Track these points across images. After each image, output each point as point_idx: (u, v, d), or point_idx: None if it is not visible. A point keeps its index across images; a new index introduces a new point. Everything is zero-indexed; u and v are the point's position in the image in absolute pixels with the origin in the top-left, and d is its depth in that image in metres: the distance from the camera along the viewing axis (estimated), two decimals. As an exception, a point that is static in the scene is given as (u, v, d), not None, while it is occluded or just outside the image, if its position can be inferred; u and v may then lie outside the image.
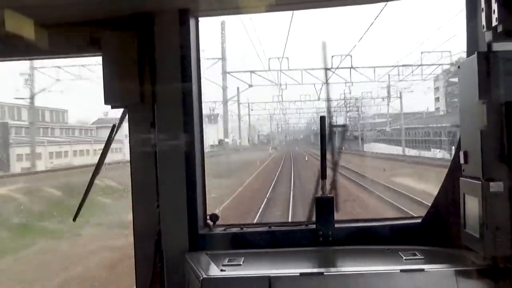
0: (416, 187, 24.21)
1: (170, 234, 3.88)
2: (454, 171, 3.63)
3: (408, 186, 25.03)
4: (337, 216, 3.90)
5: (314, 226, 3.86)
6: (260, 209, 21.69)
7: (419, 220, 3.94)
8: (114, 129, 3.98)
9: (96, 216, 17.06)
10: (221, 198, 21.72)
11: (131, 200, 3.97)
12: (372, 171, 29.37)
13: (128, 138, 3.95)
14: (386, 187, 25.23)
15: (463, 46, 3.60)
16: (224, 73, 35.88)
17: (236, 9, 4.11)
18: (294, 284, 3.33)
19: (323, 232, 3.82)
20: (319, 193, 3.89)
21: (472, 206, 3.28)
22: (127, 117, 3.95)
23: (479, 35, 3.43)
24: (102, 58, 3.80)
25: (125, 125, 4.00)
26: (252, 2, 3.92)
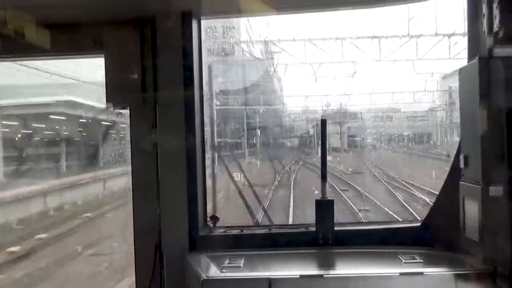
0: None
1: (170, 235, 3.89)
2: (454, 174, 3.64)
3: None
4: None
5: (314, 228, 3.87)
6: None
7: (418, 223, 3.95)
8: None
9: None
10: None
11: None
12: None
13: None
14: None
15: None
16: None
17: (238, 12, 4.14)
18: (294, 286, 3.34)
19: (323, 234, 3.83)
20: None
21: (471, 209, 3.29)
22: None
23: (480, 40, 3.44)
24: (105, 59, 3.81)
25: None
26: (254, 5, 3.93)
